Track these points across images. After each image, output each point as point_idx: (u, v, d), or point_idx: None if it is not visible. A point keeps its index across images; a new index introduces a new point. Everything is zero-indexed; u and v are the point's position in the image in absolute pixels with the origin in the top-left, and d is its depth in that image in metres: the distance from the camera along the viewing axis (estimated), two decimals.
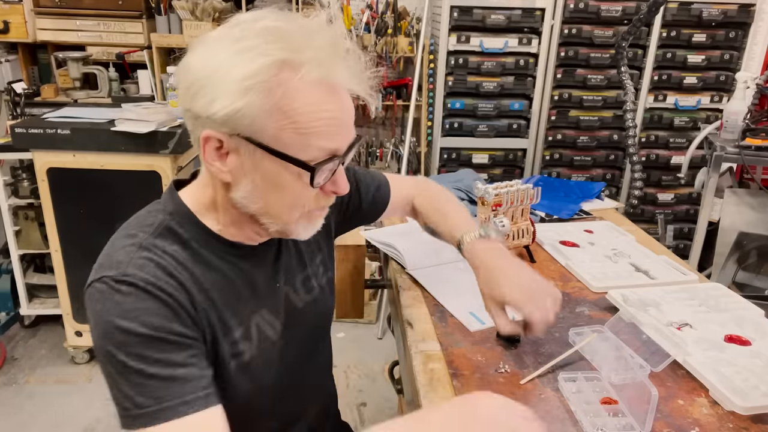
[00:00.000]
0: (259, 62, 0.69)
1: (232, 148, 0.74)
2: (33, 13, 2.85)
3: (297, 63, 0.70)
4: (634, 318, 1.07)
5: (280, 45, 0.70)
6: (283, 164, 0.73)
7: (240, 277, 0.84)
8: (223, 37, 0.72)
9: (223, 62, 0.70)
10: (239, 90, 0.69)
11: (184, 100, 0.74)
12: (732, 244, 2.26)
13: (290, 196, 0.77)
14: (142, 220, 0.81)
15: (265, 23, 0.72)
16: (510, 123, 2.87)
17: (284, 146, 0.72)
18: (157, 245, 0.77)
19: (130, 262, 0.74)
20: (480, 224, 1.17)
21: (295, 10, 3.00)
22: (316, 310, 0.98)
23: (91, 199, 2.26)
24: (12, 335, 2.75)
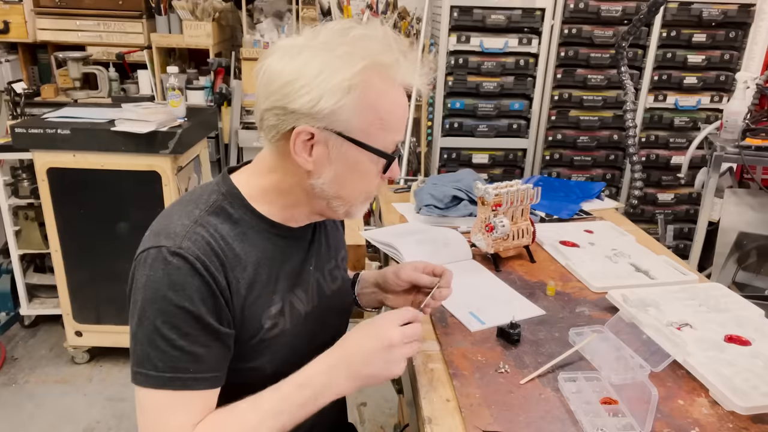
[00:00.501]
0: (360, 64, 0.80)
1: (321, 141, 0.83)
2: (33, 13, 2.85)
3: (386, 66, 0.82)
4: (634, 318, 1.07)
5: (372, 50, 0.81)
6: (366, 154, 0.85)
7: (279, 256, 0.92)
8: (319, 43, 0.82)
9: (326, 65, 0.79)
10: (345, 88, 0.79)
11: (275, 98, 0.82)
12: (732, 244, 2.26)
13: (365, 181, 0.89)
14: (197, 197, 0.89)
15: (356, 32, 0.82)
16: (510, 123, 2.87)
17: (370, 139, 0.84)
18: (210, 222, 0.85)
19: (185, 235, 0.81)
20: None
21: (294, 11, 3.00)
22: (340, 300, 1.06)
23: (91, 199, 2.26)
24: (12, 335, 2.75)
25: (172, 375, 0.79)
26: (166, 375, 0.79)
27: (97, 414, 2.28)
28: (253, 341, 0.88)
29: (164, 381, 0.79)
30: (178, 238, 0.81)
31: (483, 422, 0.85)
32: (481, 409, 0.87)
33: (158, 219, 0.87)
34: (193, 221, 0.83)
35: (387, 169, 0.89)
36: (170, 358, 0.79)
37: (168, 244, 0.80)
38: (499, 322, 1.09)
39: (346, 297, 1.11)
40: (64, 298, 2.38)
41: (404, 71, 0.84)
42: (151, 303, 0.80)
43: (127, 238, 2.28)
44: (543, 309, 1.18)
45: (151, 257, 0.80)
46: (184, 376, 0.80)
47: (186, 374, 0.80)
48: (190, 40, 2.89)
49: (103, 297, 2.38)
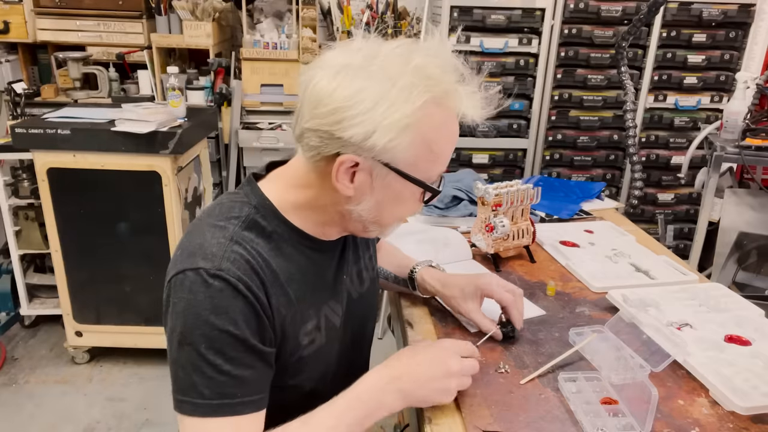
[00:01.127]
0: (418, 101, 0.75)
1: (366, 169, 0.79)
2: (33, 13, 2.85)
3: (444, 98, 0.78)
4: (634, 318, 1.07)
5: (432, 82, 0.77)
6: (409, 185, 0.81)
7: (313, 269, 0.90)
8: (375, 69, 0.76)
9: (383, 97, 0.74)
10: (402, 127, 0.75)
11: (323, 121, 0.76)
12: (732, 244, 2.26)
13: (405, 210, 0.87)
14: (227, 211, 0.84)
15: (418, 61, 0.77)
16: (510, 123, 2.87)
17: (417, 171, 0.80)
18: (246, 238, 0.81)
19: (223, 255, 0.78)
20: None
21: (294, 11, 3.00)
22: (366, 302, 1.04)
23: (91, 199, 2.26)
24: (12, 335, 2.75)
25: (220, 402, 0.76)
26: (214, 402, 0.76)
27: (97, 414, 2.28)
28: (293, 358, 0.86)
29: (212, 408, 0.76)
30: (216, 258, 0.77)
31: (483, 422, 0.85)
32: (481, 409, 0.87)
33: (188, 236, 0.83)
34: (229, 239, 0.79)
35: (431, 200, 0.86)
36: (217, 384, 0.76)
37: (206, 266, 0.76)
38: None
39: (373, 298, 1.08)
40: (64, 298, 2.38)
41: (461, 99, 0.80)
42: (193, 329, 0.76)
43: (127, 238, 2.28)
44: (543, 309, 1.18)
45: (189, 280, 0.76)
46: (232, 401, 0.77)
47: (234, 399, 0.77)
48: (190, 40, 2.89)
49: (103, 297, 2.38)
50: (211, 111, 2.71)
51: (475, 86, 0.82)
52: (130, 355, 2.56)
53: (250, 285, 0.77)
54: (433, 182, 0.84)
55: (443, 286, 1.11)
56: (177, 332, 0.77)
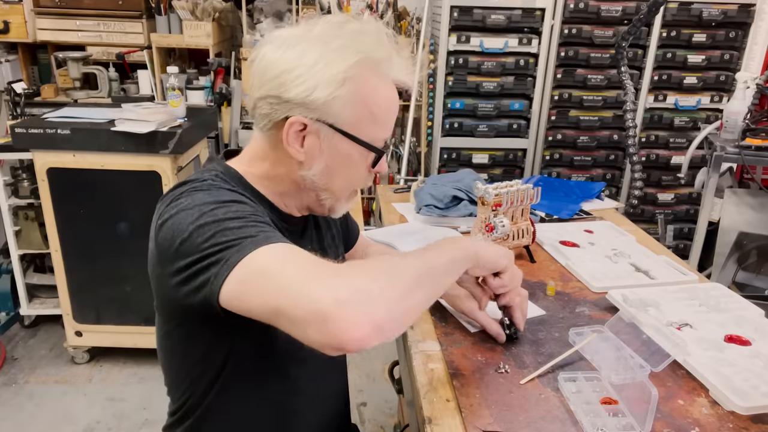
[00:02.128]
0: (354, 58, 0.81)
1: (313, 132, 0.84)
2: (33, 13, 2.85)
3: (379, 61, 0.84)
4: (634, 318, 1.07)
5: (367, 45, 0.83)
6: (356, 147, 0.86)
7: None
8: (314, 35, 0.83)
9: (322, 56, 0.81)
10: (339, 80, 0.81)
11: (269, 86, 0.83)
12: (732, 244, 2.26)
13: (354, 175, 0.90)
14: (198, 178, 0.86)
15: (351, 26, 0.85)
16: (510, 123, 2.87)
17: (360, 132, 0.85)
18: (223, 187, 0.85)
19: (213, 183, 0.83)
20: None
21: (294, 11, 3.00)
22: None
23: (91, 199, 2.26)
24: (12, 335, 2.75)
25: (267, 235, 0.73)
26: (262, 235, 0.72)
27: (97, 414, 2.28)
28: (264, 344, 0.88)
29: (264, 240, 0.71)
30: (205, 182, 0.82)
31: (483, 422, 0.85)
32: (481, 409, 0.87)
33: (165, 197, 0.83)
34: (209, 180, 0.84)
35: (376, 164, 0.90)
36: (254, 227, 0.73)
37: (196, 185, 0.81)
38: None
39: None
40: (64, 298, 2.38)
41: (397, 67, 0.86)
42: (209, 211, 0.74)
43: (127, 238, 2.28)
44: (543, 309, 1.18)
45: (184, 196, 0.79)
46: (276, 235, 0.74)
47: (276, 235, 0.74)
48: (190, 40, 2.89)
49: (103, 297, 2.38)
50: (211, 111, 2.71)
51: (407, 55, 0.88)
52: (130, 355, 2.56)
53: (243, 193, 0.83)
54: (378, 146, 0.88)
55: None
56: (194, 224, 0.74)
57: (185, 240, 0.74)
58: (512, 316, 1.03)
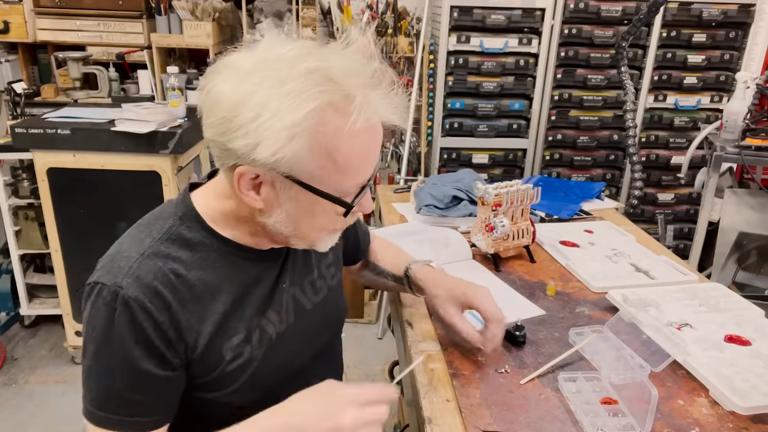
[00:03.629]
0: (306, 108, 0.68)
1: (267, 181, 0.75)
2: (33, 13, 2.85)
3: (341, 105, 0.71)
4: (634, 318, 1.07)
5: (324, 88, 0.70)
6: (318, 198, 0.75)
7: (248, 279, 0.85)
8: (261, 73, 0.71)
9: (267, 105, 0.69)
10: (287, 137, 0.69)
11: (214, 131, 0.74)
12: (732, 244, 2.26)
13: (322, 222, 0.81)
14: (152, 222, 0.83)
15: (308, 65, 0.71)
16: (510, 123, 2.87)
17: (322, 184, 0.74)
18: (161, 252, 0.79)
19: (127, 272, 0.76)
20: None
21: (294, 11, 3.00)
22: (325, 312, 0.99)
23: (91, 199, 2.26)
24: (12, 335, 2.75)
25: (106, 415, 0.77)
26: (101, 414, 0.77)
27: None
28: (213, 374, 0.82)
29: (99, 419, 0.77)
30: (120, 274, 0.76)
31: (483, 422, 0.85)
32: (481, 409, 0.87)
33: (115, 243, 0.83)
34: (140, 254, 0.78)
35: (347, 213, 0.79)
36: (101, 397, 0.77)
37: (108, 282, 0.76)
38: None
39: (335, 306, 1.03)
40: (64, 298, 2.38)
41: (370, 103, 0.71)
42: (87, 342, 0.77)
43: None
44: (543, 309, 1.18)
45: (94, 294, 0.77)
46: (117, 417, 0.77)
47: (119, 416, 0.77)
48: (190, 40, 2.89)
49: None
50: None
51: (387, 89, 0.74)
52: None
53: (147, 307, 0.75)
54: (349, 195, 0.77)
55: (434, 286, 1.07)
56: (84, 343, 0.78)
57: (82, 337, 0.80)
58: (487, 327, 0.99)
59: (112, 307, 0.75)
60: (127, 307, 0.74)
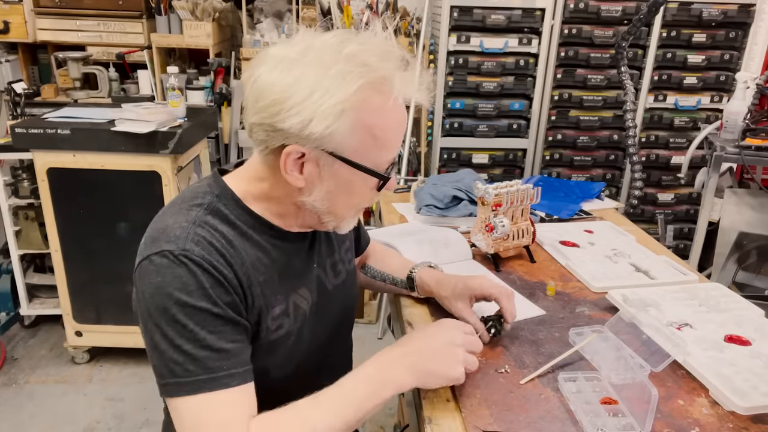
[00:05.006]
0: (353, 86, 0.76)
1: (312, 159, 0.81)
2: (33, 13, 2.85)
3: (381, 84, 0.79)
4: (634, 318, 1.07)
5: (367, 69, 0.77)
6: (359, 174, 0.82)
7: (281, 258, 0.90)
8: (309, 60, 0.78)
9: (318, 85, 0.76)
10: (336, 112, 0.76)
11: (264, 114, 0.78)
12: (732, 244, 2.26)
13: (357, 198, 0.87)
14: (190, 199, 0.86)
15: (351, 48, 0.78)
16: (510, 123, 2.87)
17: (363, 158, 0.81)
18: (208, 222, 0.83)
19: (187, 237, 0.79)
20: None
21: (294, 11, 3.00)
22: (343, 294, 1.05)
23: (91, 199, 2.26)
24: (12, 335, 2.75)
25: (207, 376, 0.76)
26: (201, 378, 0.76)
27: (97, 414, 2.28)
28: (259, 341, 0.86)
29: (199, 384, 0.76)
30: (180, 240, 0.78)
31: (483, 422, 0.85)
32: (481, 409, 0.87)
33: (152, 225, 0.84)
34: (192, 222, 0.81)
35: (382, 187, 0.86)
36: (199, 360, 0.76)
37: (171, 248, 0.78)
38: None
39: (351, 289, 1.09)
40: (64, 298, 2.38)
41: (402, 84, 0.80)
42: (166, 309, 0.76)
43: (127, 238, 2.28)
44: (543, 309, 1.18)
45: (155, 264, 0.78)
46: (217, 375, 0.76)
47: (219, 373, 0.77)
48: (190, 40, 2.89)
49: (103, 297, 2.38)
50: (211, 111, 2.71)
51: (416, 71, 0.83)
52: (130, 355, 2.56)
53: (215, 264, 0.78)
54: (383, 170, 0.84)
55: (438, 286, 1.11)
56: (152, 317, 0.77)
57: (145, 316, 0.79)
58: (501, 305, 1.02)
59: (185, 267, 0.77)
60: (199, 265, 0.77)
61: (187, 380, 0.76)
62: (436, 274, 1.15)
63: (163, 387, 0.77)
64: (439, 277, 1.13)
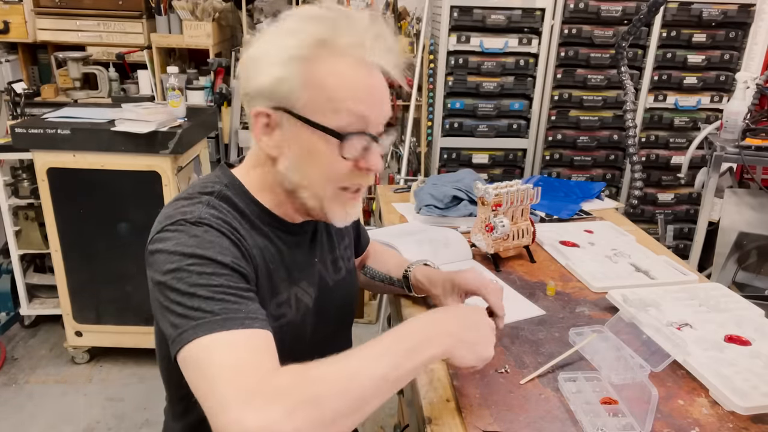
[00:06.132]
0: (300, 38, 0.79)
1: (277, 123, 0.82)
2: (33, 13, 2.85)
3: (335, 42, 0.79)
4: (634, 318, 1.07)
5: (321, 27, 0.80)
6: (316, 133, 0.80)
7: (285, 250, 0.91)
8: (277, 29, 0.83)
9: (272, 43, 0.81)
10: (281, 60, 0.79)
11: (243, 85, 0.84)
12: (732, 244, 2.26)
13: (324, 166, 0.83)
14: (201, 189, 0.87)
15: (309, 10, 0.82)
16: (510, 123, 2.87)
17: (316, 115, 0.80)
18: (220, 206, 0.84)
19: (202, 211, 0.81)
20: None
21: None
22: (344, 291, 1.05)
23: (91, 199, 2.26)
24: (12, 335, 2.75)
25: (226, 316, 0.71)
26: (220, 317, 0.71)
27: (97, 414, 2.28)
28: None
29: (220, 323, 0.70)
30: (195, 213, 0.80)
31: (483, 422, 0.85)
32: (481, 409, 0.87)
33: (164, 210, 0.83)
34: (205, 204, 0.82)
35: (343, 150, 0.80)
36: (219, 301, 0.72)
37: (187, 218, 0.78)
38: None
39: (351, 287, 1.08)
40: (64, 298, 2.38)
41: (370, 51, 0.80)
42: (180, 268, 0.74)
43: (127, 238, 2.28)
44: (543, 309, 1.18)
45: (171, 231, 0.77)
46: (237, 315, 0.72)
47: (239, 314, 0.72)
48: (190, 40, 2.89)
49: (103, 297, 2.38)
50: (211, 111, 2.71)
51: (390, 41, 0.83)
52: (130, 355, 2.56)
53: (232, 229, 0.80)
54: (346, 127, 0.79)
55: (430, 284, 1.10)
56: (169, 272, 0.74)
57: (160, 283, 0.75)
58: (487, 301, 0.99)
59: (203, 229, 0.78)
60: (217, 229, 0.79)
61: (204, 321, 0.70)
62: (428, 271, 1.12)
63: (178, 337, 0.71)
64: (431, 275, 1.11)
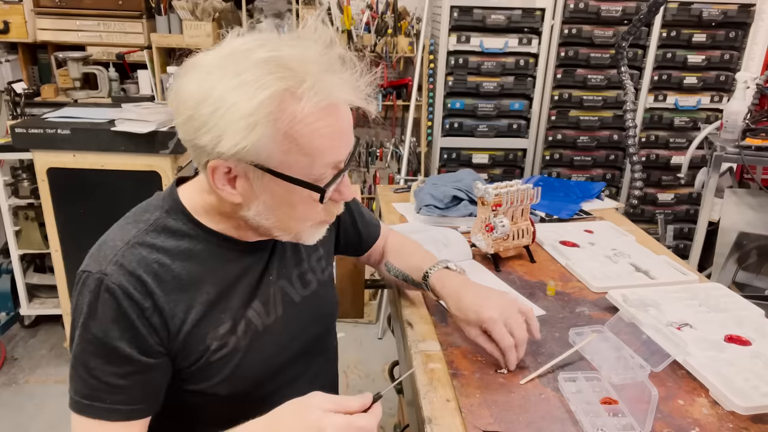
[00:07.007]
0: (261, 96, 0.71)
1: (241, 174, 0.77)
2: (33, 13, 2.85)
3: (296, 89, 0.72)
4: (634, 318, 1.07)
5: (278, 75, 0.72)
6: (293, 186, 0.77)
7: (234, 270, 0.87)
8: (218, 68, 0.74)
9: (224, 98, 0.71)
10: (246, 126, 0.71)
11: (184, 130, 0.76)
12: (732, 244, 2.26)
13: (301, 211, 0.81)
14: (140, 214, 0.86)
15: (260, 54, 0.73)
16: (510, 123, 2.87)
17: (291, 169, 0.75)
18: (146, 242, 0.81)
19: (112, 259, 0.78)
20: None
21: (294, 11, 3.00)
22: (315, 305, 1.00)
23: (91, 199, 2.26)
24: (12, 335, 2.75)
25: (89, 403, 0.77)
26: (84, 402, 0.78)
27: None
28: (199, 363, 0.83)
29: (82, 407, 0.78)
30: (104, 262, 0.78)
31: (483, 422, 0.85)
32: (481, 409, 0.87)
33: (104, 234, 0.85)
34: (125, 242, 0.80)
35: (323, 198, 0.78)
36: (89, 386, 0.77)
37: (92, 270, 0.78)
38: None
39: (325, 299, 1.03)
40: (64, 298, 2.38)
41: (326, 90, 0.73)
42: (76, 329, 0.79)
43: None
44: (543, 309, 1.18)
45: (81, 282, 0.79)
46: (100, 405, 0.77)
47: (102, 404, 0.77)
48: (190, 40, 2.89)
49: None
50: None
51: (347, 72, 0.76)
52: None
53: (131, 293, 0.76)
54: (321, 180, 0.78)
55: (457, 308, 1.02)
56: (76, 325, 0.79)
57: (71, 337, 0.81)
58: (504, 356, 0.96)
59: (96, 294, 0.76)
60: (111, 293, 0.76)
61: (74, 398, 0.78)
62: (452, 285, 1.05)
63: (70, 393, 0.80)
64: (454, 293, 1.04)
